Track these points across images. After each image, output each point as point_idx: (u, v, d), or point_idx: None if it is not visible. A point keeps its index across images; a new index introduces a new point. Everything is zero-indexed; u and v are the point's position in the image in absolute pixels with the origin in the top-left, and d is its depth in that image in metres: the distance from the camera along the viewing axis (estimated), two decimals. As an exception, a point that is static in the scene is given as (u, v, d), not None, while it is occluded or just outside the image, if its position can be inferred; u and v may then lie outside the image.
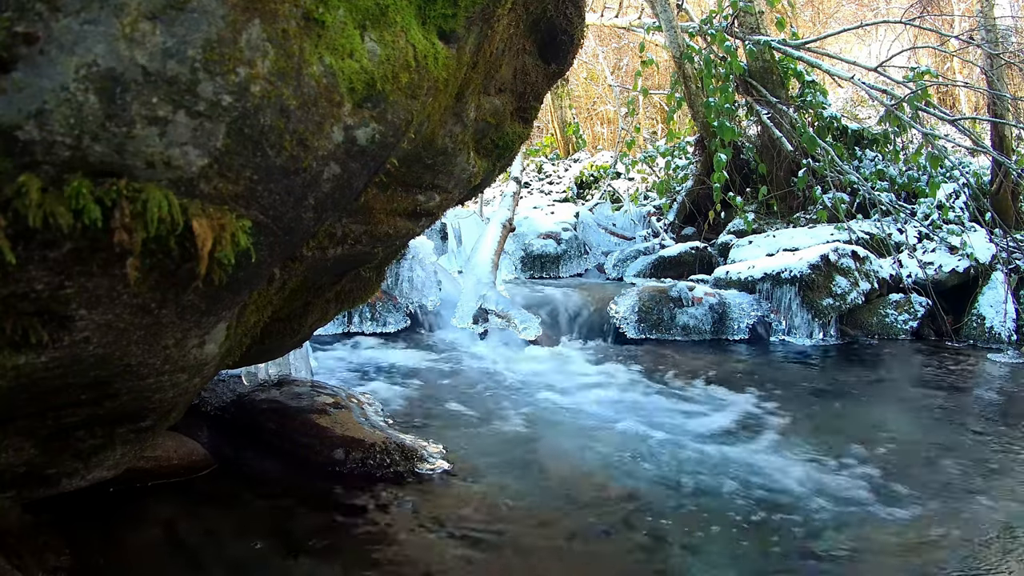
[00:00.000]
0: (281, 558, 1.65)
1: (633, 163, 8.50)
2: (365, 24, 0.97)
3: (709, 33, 6.45)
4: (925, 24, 7.52)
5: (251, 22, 0.83)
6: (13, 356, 0.87)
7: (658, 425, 2.75)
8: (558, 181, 10.56)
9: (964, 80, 9.27)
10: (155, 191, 0.81)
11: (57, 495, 1.25)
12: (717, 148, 6.08)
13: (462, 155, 1.51)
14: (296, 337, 1.88)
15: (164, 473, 1.97)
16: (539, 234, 6.99)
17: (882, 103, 6.04)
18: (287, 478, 2.09)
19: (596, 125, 14.16)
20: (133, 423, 1.19)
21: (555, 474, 2.21)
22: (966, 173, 6.10)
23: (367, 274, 1.84)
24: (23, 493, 1.19)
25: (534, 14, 1.60)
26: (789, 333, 4.77)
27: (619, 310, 4.71)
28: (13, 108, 0.72)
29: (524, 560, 1.68)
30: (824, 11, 13.16)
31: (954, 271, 5.30)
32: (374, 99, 0.99)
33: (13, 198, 0.74)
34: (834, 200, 5.75)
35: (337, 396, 2.50)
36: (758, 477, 2.24)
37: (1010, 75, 7.48)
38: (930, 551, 1.82)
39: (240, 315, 1.21)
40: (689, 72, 6.58)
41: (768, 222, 6.43)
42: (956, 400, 3.39)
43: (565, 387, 3.28)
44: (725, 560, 1.73)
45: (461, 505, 1.97)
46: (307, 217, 1.01)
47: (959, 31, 8.20)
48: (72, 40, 0.74)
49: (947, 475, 2.35)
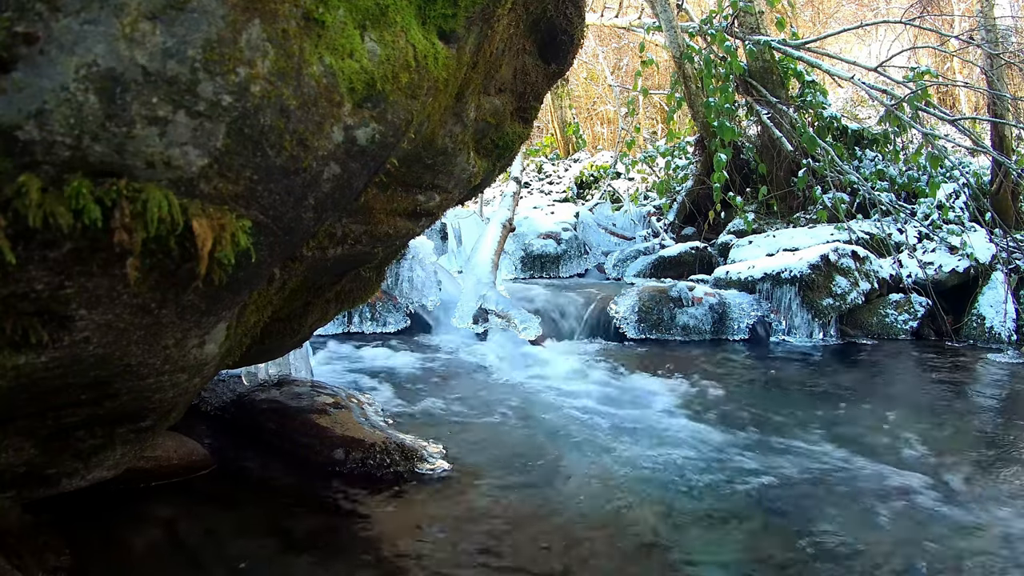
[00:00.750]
0: (281, 558, 1.65)
1: (633, 163, 8.51)
2: (365, 24, 0.97)
3: (709, 33, 6.45)
4: (925, 24, 7.52)
5: (251, 22, 0.83)
6: (13, 356, 0.87)
7: (658, 425, 2.75)
8: (558, 181, 10.56)
9: (964, 80, 9.27)
10: (155, 191, 0.81)
11: (57, 495, 1.25)
12: (717, 148, 6.08)
13: (462, 155, 1.51)
14: (296, 337, 1.89)
15: (164, 473, 1.97)
16: (539, 234, 7.00)
17: (882, 103, 6.04)
18: (287, 478, 2.09)
19: (596, 125, 14.16)
20: (133, 423, 1.19)
21: (555, 474, 2.21)
22: (966, 173, 6.10)
23: (367, 274, 1.84)
24: (23, 493, 1.19)
25: (534, 14, 1.60)
26: (789, 333, 4.77)
27: (619, 310, 4.71)
28: (13, 108, 0.72)
29: (524, 560, 1.68)
30: (824, 11, 13.16)
31: (954, 271, 5.30)
32: (374, 99, 0.99)
33: (13, 198, 0.74)
34: (834, 200, 5.75)
35: (337, 396, 2.50)
36: (758, 477, 2.24)
37: (1010, 75, 7.48)
38: (930, 551, 1.82)
39: (240, 315, 1.21)
40: (689, 72, 6.58)
41: (768, 222, 6.43)
42: (956, 400, 3.39)
43: (565, 387, 3.28)
44: (725, 560, 1.73)
45: (461, 505, 1.97)
46: (307, 217, 1.01)
47: (959, 31, 8.20)
48: (72, 40, 0.74)
49: (947, 475, 2.34)
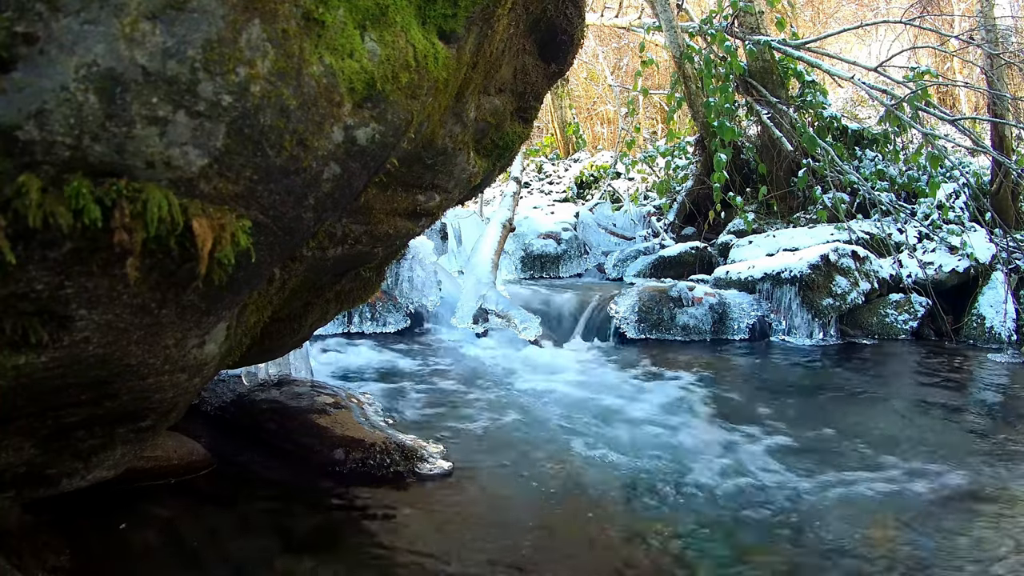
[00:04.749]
0: (281, 558, 1.65)
1: (633, 163, 8.50)
2: (365, 24, 0.96)
3: (709, 33, 6.45)
4: (925, 24, 7.52)
5: (251, 22, 0.83)
6: (13, 356, 0.87)
7: (658, 425, 2.75)
8: (558, 181, 10.56)
9: (964, 80, 9.27)
10: (155, 191, 0.81)
11: (57, 495, 1.25)
12: (717, 148, 6.08)
13: (462, 155, 1.51)
14: (296, 337, 1.88)
15: (164, 473, 1.97)
16: (539, 234, 7.00)
17: (882, 103, 6.04)
18: (287, 478, 2.09)
19: (596, 125, 14.16)
20: (133, 423, 1.19)
21: (555, 474, 2.21)
22: (966, 173, 6.10)
23: (367, 274, 1.84)
24: (23, 493, 1.19)
25: (534, 14, 1.60)
26: (789, 333, 4.77)
27: (619, 310, 4.71)
28: (13, 108, 0.72)
29: (525, 560, 1.68)
30: (824, 11, 13.15)
31: (954, 271, 5.30)
32: (374, 99, 0.99)
33: (13, 198, 0.74)
34: (834, 200, 5.75)
35: (337, 396, 2.50)
36: (758, 477, 2.24)
37: (1010, 75, 7.48)
38: (930, 551, 1.82)
39: (240, 315, 1.21)
40: (689, 72, 6.58)
41: (768, 222, 6.43)
42: (956, 400, 3.39)
43: (565, 387, 3.28)
44: (724, 559, 1.73)
45: (461, 505, 1.97)
46: (307, 217, 1.01)
47: (959, 31, 8.20)
48: (72, 40, 0.74)
49: (948, 476, 2.34)
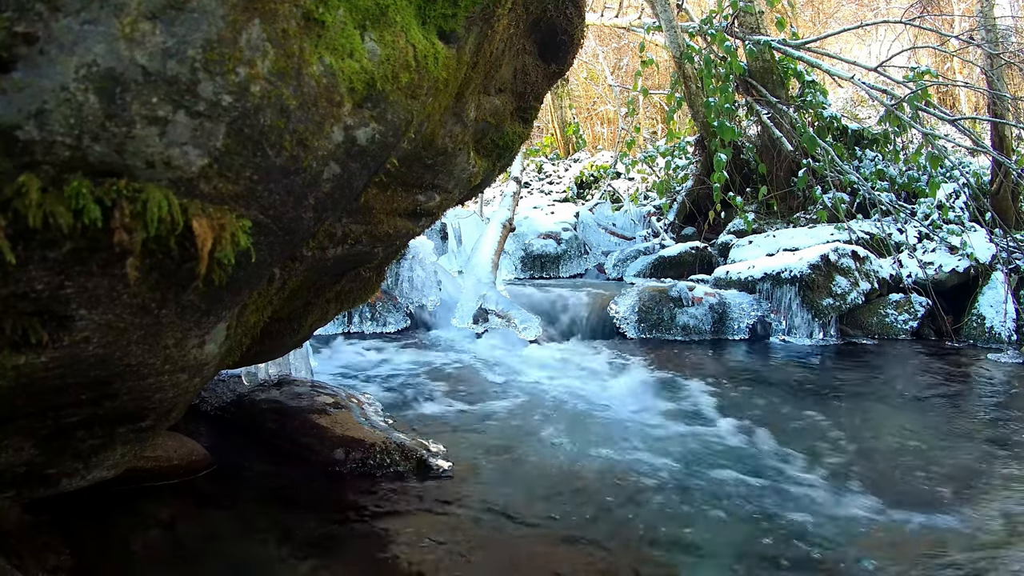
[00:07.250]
0: (281, 558, 1.65)
1: (633, 163, 8.50)
2: (365, 24, 0.96)
3: (709, 33, 6.45)
4: (925, 24, 7.52)
5: (251, 22, 0.83)
6: (13, 356, 0.87)
7: (658, 424, 2.75)
8: (558, 181, 10.56)
9: (964, 80, 9.27)
10: (155, 191, 0.81)
11: (57, 495, 1.25)
12: (717, 148, 6.08)
13: (462, 155, 1.51)
14: (296, 337, 1.88)
15: (164, 473, 1.97)
16: (539, 234, 7.00)
17: (882, 103, 6.04)
18: (287, 478, 2.09)
19: (596, 125, 14.16)
20: (133, 423, 1.19)
21: (556, 474, 2.21)
22: (966, 173, 6.10)
23: (367, 274, 1.84)
24: (23, 493, 1.19)
25: (534, 14, 1.60)
26: (789, 333, 4.77)
27: (619, 310, 4.71)
28: (13, 108, 0.72)
29: (525, 560, 1.68)
30: (824, 11, 13.16)
31: (954, 271, 5.30)
32: (374, 99, 0.99)
33: (13, 198, 0.74)
34: (834, 200, 5.75)
35: (337, 396, 2.50)
36: (758, 477, 2.24)
37: (1010, 75, 7.48)
38: (930, 551, 1.82)
39: (240, 315, 1.21)
40: (689, 72, 6.58)
41: (768, 222, 6.43)
42: (956, 400, 3.39)
43: (566, 387, 3.28)
44: (724, 559, 1.73)
45: (461, 505, 1.97)
46: (307, 217, 1.01)
47: (959, 31, 8.20)
48: (72, 40, 0.74)
49: (948, 476, 2.34)
